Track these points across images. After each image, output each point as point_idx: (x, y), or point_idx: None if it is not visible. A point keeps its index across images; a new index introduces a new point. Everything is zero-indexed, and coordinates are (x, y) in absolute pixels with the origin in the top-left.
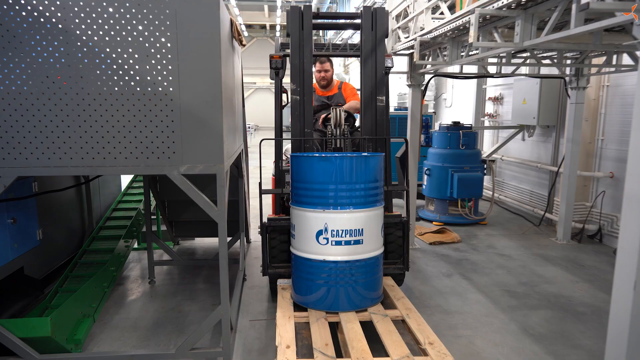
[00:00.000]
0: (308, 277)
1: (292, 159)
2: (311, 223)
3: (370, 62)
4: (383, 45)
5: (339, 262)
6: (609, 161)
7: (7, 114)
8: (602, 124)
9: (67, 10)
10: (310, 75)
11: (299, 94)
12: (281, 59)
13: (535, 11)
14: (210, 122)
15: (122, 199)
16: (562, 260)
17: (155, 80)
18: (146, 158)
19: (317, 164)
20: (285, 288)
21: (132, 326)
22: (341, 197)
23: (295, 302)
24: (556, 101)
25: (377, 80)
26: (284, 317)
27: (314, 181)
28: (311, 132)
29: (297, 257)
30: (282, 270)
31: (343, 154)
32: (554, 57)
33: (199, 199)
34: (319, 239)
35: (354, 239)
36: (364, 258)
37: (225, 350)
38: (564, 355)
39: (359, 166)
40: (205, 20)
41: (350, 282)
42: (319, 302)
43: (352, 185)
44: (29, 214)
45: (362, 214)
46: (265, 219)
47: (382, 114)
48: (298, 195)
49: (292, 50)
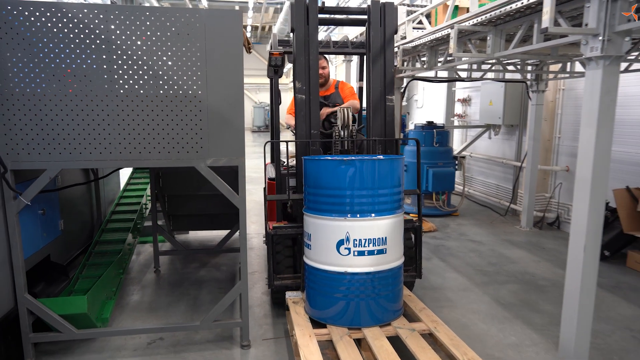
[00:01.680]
0: (327, 291)
1: (308, 162)
2: (331, 232)
3: (379, 60)
4: (392, 42)
5: (362, 273)
6: (565, 156)
7: (54, 113)
8: (559, 123)
9: (109, 23)
10: (316, 72)
11: (305, 93)
12: (281, 56)
13: (504, 27)
14: (232, 121)
15: (123, 194)
16: (525, 244)
17: (186, 84)
18: (177, 152)
19: (338, 168)
20: (297, 302)
21: (148, 308)
22: (364, 204)
23: (311, 318)
24: (519, 103)
25: (386, 78)
26: (304, 335)
27: (334, 187)
28: (318, 134)
29: (314, 269)
30: (289, 281)
31: (363, 157)
32: (517, 64)
33: (222, 187)
34: (339, 250)
35: (378, 248)
36: (387, 268)
37: (244, 322)
38: (529, 318)
39: (382, 170)
40: (230, 33)
41: (372, 295)
42: (338, 318)
43: (375, 190)
44: (53, 206)
45: (386, 221)
46: (265, 227)
47: (391, 114)
48: (315, 202)
49: (296, 46)
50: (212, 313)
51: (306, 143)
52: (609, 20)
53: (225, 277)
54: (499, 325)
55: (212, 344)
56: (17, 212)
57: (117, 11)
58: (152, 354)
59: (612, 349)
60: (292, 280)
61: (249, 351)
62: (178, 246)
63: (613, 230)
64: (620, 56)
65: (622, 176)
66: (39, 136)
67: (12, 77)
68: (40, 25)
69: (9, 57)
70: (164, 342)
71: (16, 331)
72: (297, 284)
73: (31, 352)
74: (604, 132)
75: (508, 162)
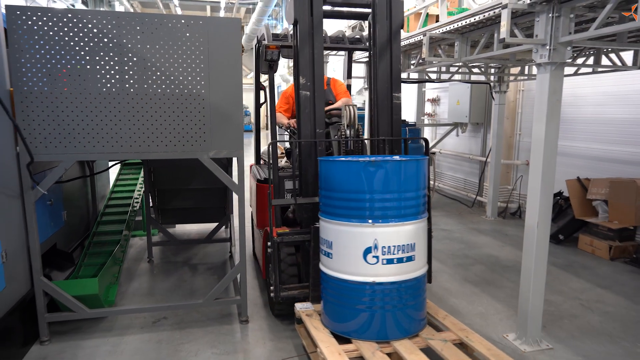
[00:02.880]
0: (350, 302)
1: (328, 164)
2: (357, 239)
3: (385, 56)
4: (399, 37)
5: (390, 283)
6: (525, 151)
7: (70, 110)
8: (519, 121)
9: (121, 28)
10: (321, 67)
11: (310, 89)
12: (278, 50)
13: (469, 35)
14: (232, 117)
15: (114, 189)
16: (490, 232)
17: (191, 84)
18: (182, 145)
19: (365, 170)
20: (311, 314)
21: (147, 293)
22: (392, 208)
23: (332, 332)
24: (483, 103)
25: (393, 75)
26: (332, 353)
27: (361, 190)
28: (323, 133)
29: (336, 279)
30: (295, 292)
31: (386, 157)
32: (481, 67)
33: (222, 176)
34: (367, 258)
35: (407, 255)
36: (415, 277)
37: (242, 299)
38: (494, 293)
39: (410, 171)
40: (230, 39)
41: (399, 305)
42: (363, 331)
43: (403, 193)
44: (58, 197)
45: (414, 226)
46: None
47: (398, 113)
48: (337, 207)
49: (300, 39)
50: (214, 291)
51: (311, 143)
52: (554, 33)
53: (217, 265)
54: (468, 299)
55: (213, 320)
56: (34, 200)
57: (128, 18)
58: (158, 330)
59: (563, 314)
60: (300, 290)
61: (248, 325)
62: (171, 237)
63: (566, 216)
64: (564, 62)
65: (573, 169)
66: (55, 131)
67: (31, 77)
68: (58, 29)
69: (28, 58)
70: (168, 321)
71: (32, 312)
72: (304, 295)
73: (46, 331)
74: (552, 126)
75: (474, 158)
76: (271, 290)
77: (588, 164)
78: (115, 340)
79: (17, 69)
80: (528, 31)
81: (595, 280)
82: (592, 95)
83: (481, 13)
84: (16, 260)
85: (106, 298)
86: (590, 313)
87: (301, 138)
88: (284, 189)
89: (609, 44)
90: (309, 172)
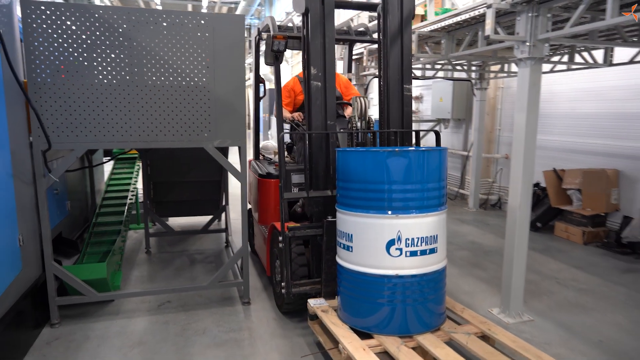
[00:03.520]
0: (371, 296)
1: (348, 155)
2: (380, 231)
3: (396, 46)
4: (410, 27)
5: (412, 276)
6: (504, 145)
7: (81, 101)
8: (499, 117)
9: (131, 23)
10: (333, 57)
11: (321, 80)
12: (285, 41)
13: (455, 33)
14: (236, 108)
15: (110, 182)
16: (473, 222)
17: (197, 76)
18: (189, 135)
19: (389, 160)
20: (326, 310)
21: (150, 280)
22: (415, 199)
23: (351, 327)
24: (465, 99)
25: (404, 66)
26: (357, 349)
27: (384, 181)
28: (334, 125)
29: (357, 273)
30: (307, 288)
31: (407, 148)
32: (464, 65)
33: (227, 164)
34: (390, 251)
35: (430, 247)
36: (437, 269)
37: (244, 281)
38: (479, 274)
39: (433, 161)
40: (234, 33)
41: (420, 298)
42: (384, 325)
43: (425, 184)
44: (63, 188)
45: (437, 218)
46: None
47: (409, 105)
48: (358, 198)
49: (312, 28)
50: (218, 274)
51: (322, 135)
52: (533, 31)
53: (214, 254)
54: (455, 280)
55: (215, 303)
56: (46, 188)
57: (139, 13)
58: (164, 313)
59: (542, 291)
60: (311, 286)
61: (250, 306)
62: (168, 228)
63: (543, 205)
64: (542, 58)
65: (550, 161)
66: (67, 120)
67: (44, 69)
68: (70, 23)
69: (42, 51)
70: (172, 304)
71: (42, 296)
72: (316, 291)
73: (56, 314)
74: (531, 115)
75: (456, 152)
76: (282, 287)
77: (563, 155)
78: (123, 322)
79: (31, 61)
80: (509, 30)
81: (570, 262)
82: (567, 91)
83: (467, 12)
84: (29, 245)
85: (113, 283)
86: (566, 289)
87: (312, 130)
88: (291, 183)
89: (581, 42)
90: (319, 165)
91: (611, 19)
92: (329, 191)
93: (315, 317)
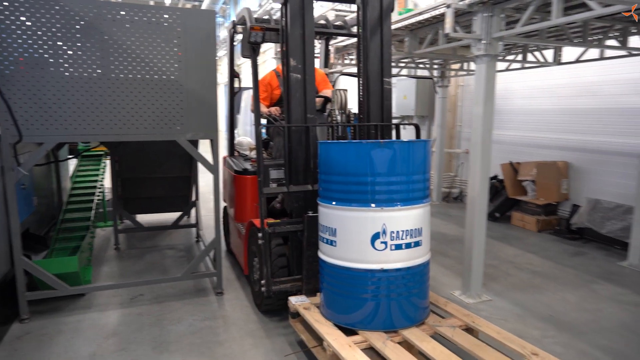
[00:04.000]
0: (354, 292)
1: (331, 147)
2: (365, 225)
3: (375, 39)
4: (389, 19)
5: (396, 269)
6: (465, 141)
7: (51, 93)
8: (460, 114)
9: (102, 16)
10: (312, 48)
11: (300, 72)
12: (262, 32)
13: (417, 32)
14: (207, 102)
15: (75, 179)
16: (436, 213)
17: (169, 70)
18: (161, 128)
19: (373, 152)
20: (308, 307)
21: (121, 275)
22: (400, 191)
23: (335, 324)
24: (428, 97)
25: (384, 59)
26: (343, 346)
27: (370, 173)
28: (314, 118)
29: (341, 268)
30: (288, 285)
31: (391, 140)
32: (426, 64)
33: (198, 157)
34: (374, 244)
35: (414, 240)
36: (422, 262)
37: (217, 272)
38: (442, 261)
39: (418, 153)
40: (205, 27)
41: (405, 292)
42: (369, 321)
43: (410, 176)
44: (29, 183)
45: (422, 210)
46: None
47: (389, 98)
48: (342, 191)
49: (291, 18)
50: (191, 266)
51: (302, 129)
52: (488, 29)
53: (184, 249)
54: None
55: (189, 294)
56: (15, 181)
57: (109, 6)
58: (137, 305)
59: (499, 274)
60: (292, 283)
61: (224, 296)
62: (138, 225)
63: (501, 196)
64: (497, 55)
65: (507, 154)
66: (37, 113)
67: (13, 61)
68: (40, 16)
69: (9, 42)
70: (145, 297)
71: (11, 292)
72: (297, 288)
73: (26, 309)
74: (488, 108)
75: None
76: (261, 285)
77: (519, 149)
78: (96, 315)
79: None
80: (467, 29)
81: (525, 247)
82: (521, 89)
83: (428, 12)
84: None
85: (83, 278)
86: (521, 272)
87: (291, 123)
88: (269, 179)
89: (533, 41)
90: (299, 159)
91: (556, 19)
92: (309, 186)
93: (296, 315)
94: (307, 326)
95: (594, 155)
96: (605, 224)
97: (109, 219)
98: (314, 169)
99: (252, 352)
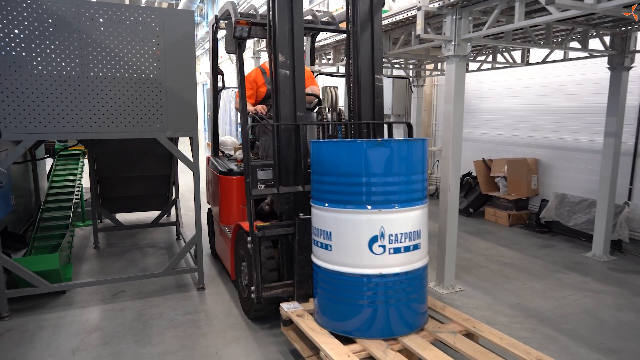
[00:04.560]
0: (353, 298)
1: (325, 146)
2: (362, 228)
3: (365, 35)
4: (380, 13)
5: (395, 274)
6: (440, 139)
7: (30, 91)
8: (435, 113)
9: (80, 15)
10: (301, 43)
11: (289, 68)
12: (248, 27)
13: (391, 33)
14: (187, 100)
15: (53, 179)
16: None
17: (148, 69)
18: (141, 125)
19: (370, 151)
20: (301, 314)
21: (102, 272)
22: (399, 192)
23: (331, 332)
24: (404, 96)
25: (374, 56)
26: (340, 356)
27: (367, 174)
28: (304, 116)
29: (336, 274)
30: (279, 291)
31: (388, 139)
32: (401, 64)
33: (178, 154)
34: (372, 248)
35: (413, 243)
36: (420, 266)
37: (199, 267)
38: None
39: (417, 152)
40: (183, 27)
41: (403, 298)
42: (366, 329)
43: (409, 176)
44: (7, 181)
45: (421, 212)
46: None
47: (380, 95)
48: (338, 192)
49: (279, 12)
50: (172, 262)
51: (291, 128)
52: (457, 31)
53: (165, 247)
54: None
55: (170, 290)
56: None
57: (87, 5)
58: (119, 301)
59: (472, 266)
60: (283, 289)
61: (205, 291)
62: (117, 223)
63: (475, 192)
64: (466, 55)
65: (479, 152)
66: (15, 111)
67: None
68: (16, 14)
69: None
70: (126, 294)
71: None
72: (288, 294)
73: (6, 307)
74: (458, 106)
75: None
76: (251, 291)
77: (491, 147)
78: (77, 312)
79: None
80: (438, 30)
81: (497, 241)
82: (493, 88)
83: (401, 13)
84: None
85: (64, 276)
86: (493, 264)
87: (280, 121)
88: (256, 180)
89: (501, 43)
90: (289, 159)
91: (519, 22)
92: (300, 187)
93: (289, 322)
94: (300, 334)
95: (561, 152)
96: (572, 217)
97: (87, 218)
98: (304, 170)
99: (234, 344)
